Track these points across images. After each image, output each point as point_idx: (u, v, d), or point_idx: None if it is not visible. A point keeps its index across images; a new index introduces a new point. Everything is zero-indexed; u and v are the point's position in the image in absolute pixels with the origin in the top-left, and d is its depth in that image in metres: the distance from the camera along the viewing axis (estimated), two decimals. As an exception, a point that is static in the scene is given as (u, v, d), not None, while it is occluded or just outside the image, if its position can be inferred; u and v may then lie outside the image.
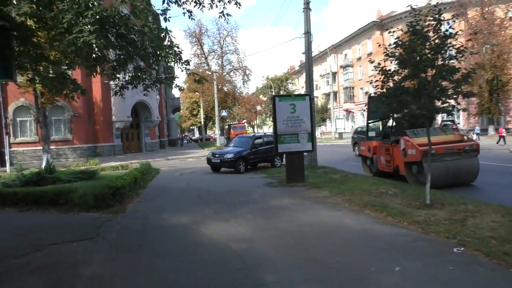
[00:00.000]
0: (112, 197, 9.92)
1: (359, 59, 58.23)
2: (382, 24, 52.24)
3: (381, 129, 13.57)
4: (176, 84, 9.30)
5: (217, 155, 17.16)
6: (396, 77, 8.52)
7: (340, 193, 9.99)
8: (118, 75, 8.85)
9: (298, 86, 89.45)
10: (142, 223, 7.79)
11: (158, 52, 7.47)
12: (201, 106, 66.54)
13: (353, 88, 60.23)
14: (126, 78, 9.01)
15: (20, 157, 30.46)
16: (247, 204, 9.25)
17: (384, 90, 8.65)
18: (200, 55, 52.22)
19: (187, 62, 8.07)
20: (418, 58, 8.02)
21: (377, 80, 8.76)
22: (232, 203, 9.56)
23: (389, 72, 8.51)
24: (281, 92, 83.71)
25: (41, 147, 27.35)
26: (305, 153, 13.72)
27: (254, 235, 6.53)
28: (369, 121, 13.96)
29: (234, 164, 16.59)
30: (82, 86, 10.82)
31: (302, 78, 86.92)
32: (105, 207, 9.58)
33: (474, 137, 35.75)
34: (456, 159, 10.96)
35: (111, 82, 35.83)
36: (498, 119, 39.53)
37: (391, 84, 8.64)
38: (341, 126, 55.24)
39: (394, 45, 8.44)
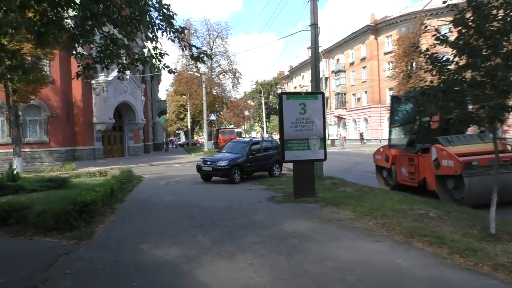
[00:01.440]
0: (78, 216, 7.72)
1: (351, 64, 56.67)
2: (377, 29, 50.80)
3: (403, 135, 11.61)
4: (165, 65, 7.12)
5: (208, 162, 15.00)
6: (451, 67, 6.56)
7: (367, 214, 7.96)
8: (81, 50, 6.65)
9: (288, 91, 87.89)
10: (113, 259, 5.60)
11: (138, 14, 5.35)
12: (188, 110, 64.26)
13: (345, 94, 58.60)
14: (93, 54, 6.81)
15: (-12, 160, 27.78)
16: (253, 229, 7.15)
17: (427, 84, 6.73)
18: (188, 57, 49.96)
19: (182, 30, 5.98)
20: (486, 41, 6.07)
21: (426, 71, 6.79)
22: (233, 226, 7.45)
23: (446, 61, 6.54)
24: (270, 98, 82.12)
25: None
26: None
27: (276, 286, 4.45)
28: (392, 126, 11.95)
29: (228, 173, 14.47)
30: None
31: (292, 83, 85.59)
32: (68, 229, 7.40)
33: None
34: (502, 173, 9.05)
35: (93, 81, 33.63)
36: None
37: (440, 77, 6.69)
38: (334, 133, 53.46)
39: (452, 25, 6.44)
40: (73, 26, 6.01)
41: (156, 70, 51.92)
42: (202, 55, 6.38)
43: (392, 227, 6.80)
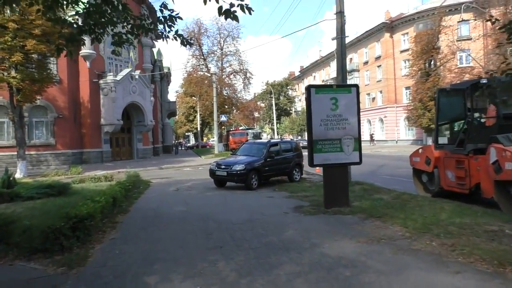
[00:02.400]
0: (71, 234, 6.31)
1: (365, 63, 55.01)
2: (392, 26, 49.08)
3: (451, 134, 10.02)
4: (177, 33, 5.49)
5: (223, 167, 13.54)
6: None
7: (424, 231, 6.45)
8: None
9: (299, 92, 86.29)
10: (108, 301, 4.18)
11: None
12: (198, 111, 63.02)
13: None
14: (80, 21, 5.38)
15: (-8, 164, 26.61)
16: (287, 252, 5.67)
17: None
18: (198, 56, 48.72)
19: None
20: None
21: None
22: (261, 247, 5.97)
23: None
24: (281, 99, 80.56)
25: (19, 153, 23.80)
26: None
27: None
28: (439, 123, 10.34)
29: (245, 178, 13.01)
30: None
31: (303, 84, 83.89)
32: (59, 250, 6.00)
33: None
34: None
35: (101, 81, 32.44)
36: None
37: None
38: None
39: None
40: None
41: (166, 70, 50.83)
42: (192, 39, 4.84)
43: (468, 251, 5.28)
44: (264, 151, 13.99)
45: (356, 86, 9.44)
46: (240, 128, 59.26)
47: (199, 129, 70.49)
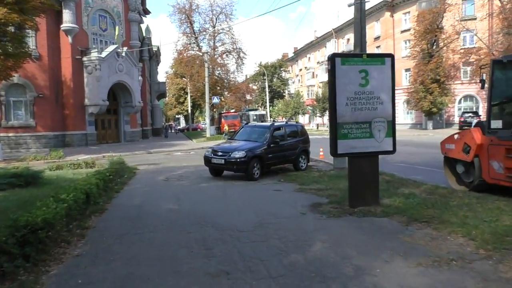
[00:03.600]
0: (17, 251, 4.50)
1: (364, 44, 53.01)
2: (393, 5, 46.98)
3: (505, 116, 8.22)
4: None
5: (220, 153, 11.67)
6: None
7: (502, 245, 4.74)
8: None
9: (292, 74, 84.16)
10: None
11: None
12: (189, 93, 60.76)
13: (356, 76, 55.10)
14: None
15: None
16: (325, 285, 3.92)
17: None
18: (189, 34, 46.25)
19: None
20: None
21: None
22: (286, 275, 4.19)
23: None
24: (274, 81, 78.23)
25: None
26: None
27: None
28: (493, 103, 8.49)
29: (245, 167, 11.19)
30: None
31: (297, 66, 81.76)
32: (-2, 276, 4.20)
33: None
34: None
35: (85, 58, 30.10)
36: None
37: None
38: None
39: None
40: None
41: (155, 49, 48.37)
42: None
43: None
44: (267, 135, 12.15)
45: (391, 56, 7.58)
46: (224, 111, 57.18)
47: (189, 111, 68.24)
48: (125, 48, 31.81)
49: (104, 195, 8.94)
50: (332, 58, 7.21)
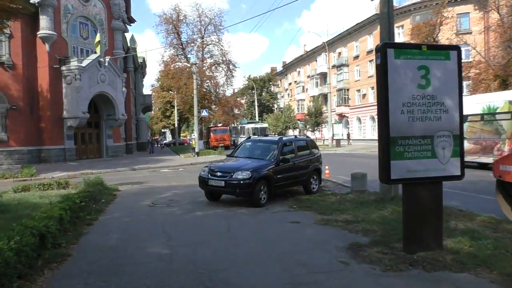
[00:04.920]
0: None
1: (356, 57, 51.72)
2: (387, 18, 45.91)
3: None
4: None
5: (219, 174, 9.56)
6: None
7: None
8: None
9: (281, 88, 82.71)
10: None
11: None
12: (175, 106, 58.58)
13: (347, 90, 53.67)
14: None
15: None
16: None
17: None
18: (177, 45, 44.34)
19: None
20: None
21: None
22: None
23: None
24: (264, 95, 76.50)
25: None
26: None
27: None
28: None
29: (251, 191, 9.14)
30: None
31: (286, 80, 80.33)
32: None
33: None
34: None
35: (63, 67, 27.83)
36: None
37: None
38: (339, 132, 48.31)
39: None
40: None
41: (140, 60, 46.34)
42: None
43: None
44: (275, 152, 10.14)
45: (458, 48, 5.71)
46: (213, 125, 54.94)
47: (176, 125, 66.05)
48: (107, 58, 29.67)
49: (71, 230, 6.82)
50: (383, 49, 5.31)
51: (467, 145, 16.27)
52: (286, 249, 5.81)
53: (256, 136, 12.64)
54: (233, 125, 58.53)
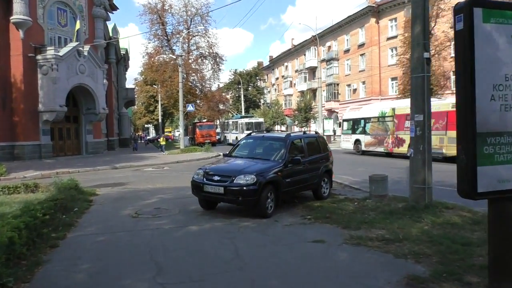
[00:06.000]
0: None
1: (346, 51, 50.35)
2: (379, 11, 44.64)
3: None
4: None
5: (216, 178, 7.83)
6: None
7: None
8: None
9: (268, 83, 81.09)
10: None
11: None
12: (159, 100, 56.48)
13: (337, 84, 52.35)
14: None
15: None
16: None
17: None
18: (162, 37, 42.28)
19: None
20: None
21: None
22: None
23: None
24: (250, 90, 74.59)
25: None
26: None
27: None
28: None
29: (256, 198, 7.50)
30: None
31: (273, 75, 78.63)
32: None
33: None
34: None
35: (39, 56, 25.69)
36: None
37: None
38: (329, 128, 46.91)
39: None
40: None
41: (123, 51, 44.17)
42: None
43: None
44: (283, 151, 8.50)
45: None
46: (198, 121, 52.84)
47: (160, 120, 63.92)
48: (87, 47, 27.58)
49: (27, 257, 5.10)
50: (467, 8, 3.71)
51: (370, 139, 24.10)
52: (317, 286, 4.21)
53: (254, 132, 10.90)
54: (224, 120, 56.27)
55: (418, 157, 7.68)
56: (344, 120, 28.82)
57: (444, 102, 19.43)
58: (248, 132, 39.41)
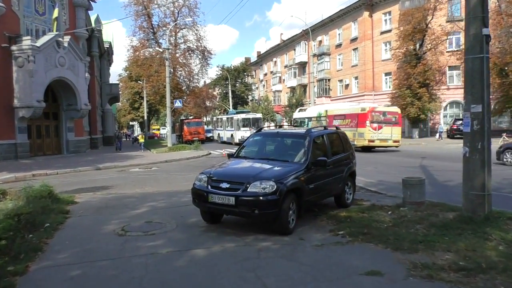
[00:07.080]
0: None
1: (338, 46, 48.96)
2: (372, 4, 43.31)
3: None
4: None
5: (225, 186, 6.19)
6: None
7: None
8: None
9: (256, 79, 79.44)
10: None
11: None
12: (145, 97, 54.36)
13: (329, 80, 50.95)
14: None
15: None
16: None
17: None
18: (147, 29, 40.25)
19: None
20: None
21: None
22: None
23: None
24: (238, 86, 72.77)
25: None
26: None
27: None
28: None
29: (277, 211, 5.93)
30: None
31: (261, 70, 76.93)
32: None
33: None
34: None
35: (14, 47, 23.61)
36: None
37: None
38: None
39: None
40: None
41: (107, 45, 42.03)
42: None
43: None
44: (305, 150, 6.91)
45: None
46: (186, 118, 50.85)
47: (146, 117, 61.77)
48: (68, 38, 25.56)
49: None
50: None
51: None
52: None
53: (267, 128, 9.32)
54: (217, 116, 54.22)
55: (475, 157, 6.19)
56: (294, 119, 34.45)
57: (356, 107, 26.24)
58: (245, 129, 37.02)
